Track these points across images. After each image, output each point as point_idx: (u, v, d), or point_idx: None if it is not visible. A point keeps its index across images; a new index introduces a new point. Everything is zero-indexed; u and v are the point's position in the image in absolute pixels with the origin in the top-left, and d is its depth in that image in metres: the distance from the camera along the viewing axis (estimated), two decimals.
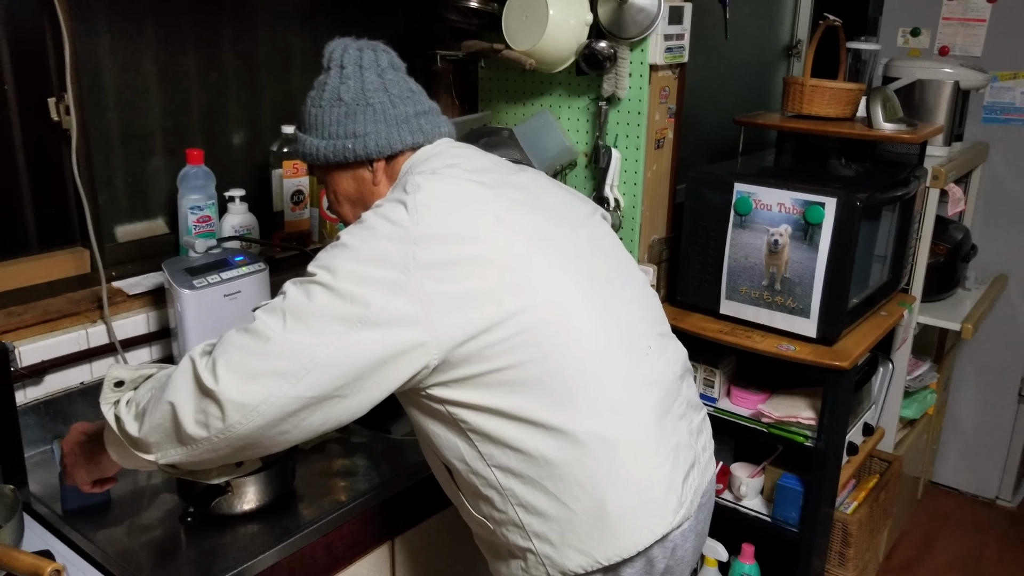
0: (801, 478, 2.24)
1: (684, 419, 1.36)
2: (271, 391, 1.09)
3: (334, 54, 1.35)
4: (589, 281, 1.28)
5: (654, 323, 1.39)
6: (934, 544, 3.09)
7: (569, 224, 1.33)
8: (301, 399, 1.11)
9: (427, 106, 1.37)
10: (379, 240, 1.16)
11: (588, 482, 1.21)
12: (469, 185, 1.25)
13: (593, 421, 1.21)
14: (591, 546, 1.23)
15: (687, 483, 1.31)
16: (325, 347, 1.10)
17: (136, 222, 1.85)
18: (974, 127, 3.04)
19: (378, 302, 1.12)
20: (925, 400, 2.97)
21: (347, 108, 1.31)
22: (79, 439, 1.33)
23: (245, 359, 1.10)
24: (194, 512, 1.39)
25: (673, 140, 2.17)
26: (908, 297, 2.58)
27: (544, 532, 1.24)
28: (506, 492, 1.24)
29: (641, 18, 1.94)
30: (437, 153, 1.34)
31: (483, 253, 1.18)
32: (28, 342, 1.60)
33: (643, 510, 1.24)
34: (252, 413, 1.10)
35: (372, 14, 2.20)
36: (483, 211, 1.22)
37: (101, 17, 1.69)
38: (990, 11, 2.98)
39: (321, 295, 1.12)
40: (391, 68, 1.35)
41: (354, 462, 1.64)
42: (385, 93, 1.32)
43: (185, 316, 1.64)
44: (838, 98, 2.34)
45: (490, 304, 1.16)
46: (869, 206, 2.05)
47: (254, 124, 2.00)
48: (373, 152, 1.32)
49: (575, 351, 1.21)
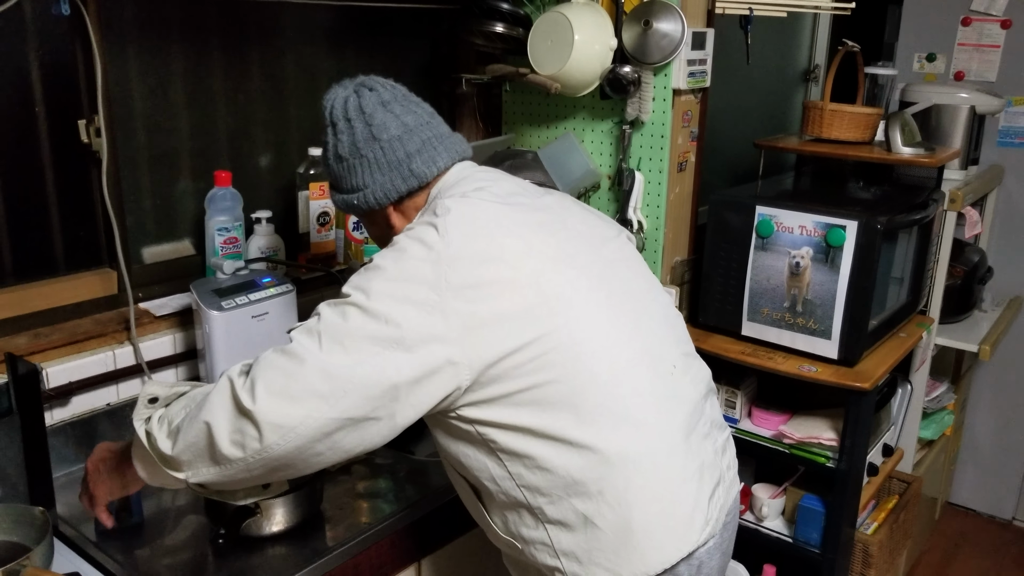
0: (822, 499, 2.23)
1: (709, 438, 1.37)
2: (309, 412, 1.11)
3: (326, 112, 1.36)
4: (613, 302, 1.29)
5: (678, 343, 1.40)
6: (952, 565, 3.07)
7: (594, 246, 1.35)
8: (338, 420, 1.12)
9: (420, 142, 1.34)
10: (411, 261, 1.18)
11: (615, 500, 1.22)
12: (497, 207, 1.27)
13: (619, 439, 1.22)
14: (618, 564, 1.24)
15: (713, 501, 1.32)
16: (361, 367, 1.12)
17: (163, 243, 1.86)
18: (989, 151, 3.06)
19: (411, 322, 1.13)
20: (943, 421, 2.97)
21: (346, 164, 1.34)
22: (104, 455, 1.34)
23: (283, 380, 1.11)
24: (225, 534, 1.39)
25: (695, 163, 2.18)
26: (926, 319, 2.58)
27: (571, 550, 1.25)
28: (535, 511, 1.25)
29: (665, 43, 1.96)
30: (465, 177, 1.35)
31: (511, 274, 1.20)
32: (55, 363, 1.60)
33: (669, 528, 1.26)
34: (289, 434, 1.11)
35: (398, 38, 2.23)
36: (511, 233, 1.24)
37: (131, 39, 1.71)
38: (1004, 37, 3.00)
39: (356, 316, 1.14)
40: (380, 107, 1.33)
41: (379, 484, 1.64)
42: (375, 141, 1.31)
43: (213, 337, 1.64)
44: (857, 122, 2.35)
45: (518, 324, 1.18)
46: (890, 229, 2.05)
47: (281, 146, 2.02)
48: (375, 203, 1.35)
49: (600, 370, 1.23)
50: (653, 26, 1.96)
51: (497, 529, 1.33)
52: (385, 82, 1.37)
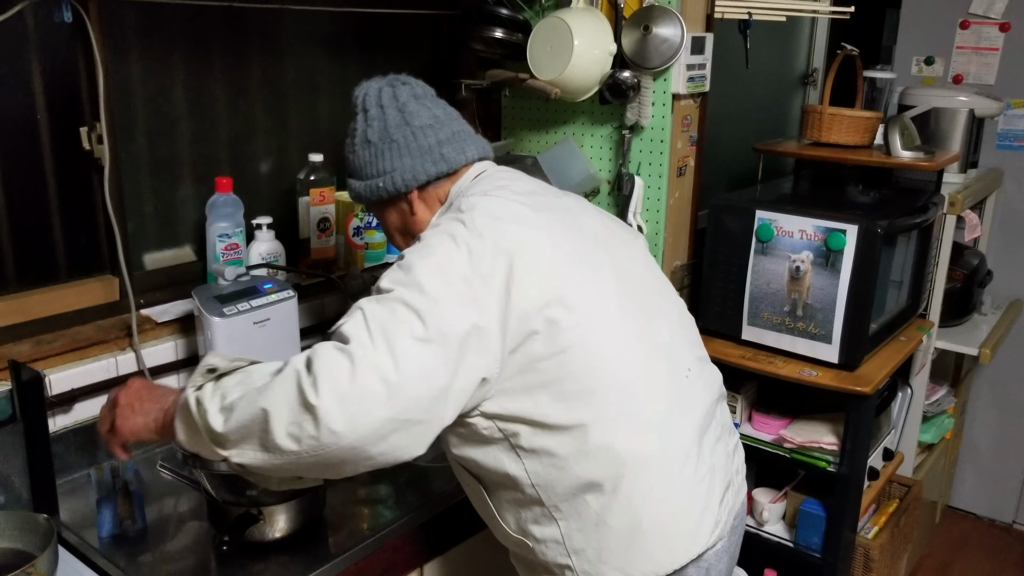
0: (823, 503, 2.23)
1: (720, 441, 1.39)
2: (368, 411, 1.08)
3: (358, 99, 1.41)
4: (629, 304, 1.31)
5: (692, 347, 1.42)
6: (952, 569, 3.07)
7: (611, 248, 1.36)
8: (394, 421, 1.10)
9: (450, 132, 1.38)
10: (444, 256, 1.19)
11: (628, 500, 1.24)
12: (517, 206, 1.29)
13: (635, 440, 1.25)
14: (628, 563, 1.26)
15: (723, 504, 1.34)
16: (415, 368, 1.10)
17: (164, 250, 1.86)
18: (988, 154, 3.06)
19: (452, 316, 1.14)
20: (943, 425, 2.97)
21: (375, 148, 1.37)
22: (142, 394, 1.27)
23: (346, 381, 1.08)
24: (229, 540, 1.39)
25: (695, 168, 2.18)
26: (926, 322, 2.58)
27: (583, 548, 1.27)
28: (548, 508, 1.27)
29: (664, 48, 1.96)
30: (486, 175, 1.39)
31: (538, 271, 1.21)
32: (58, 370, 1.60)
33: (679, 529, 1.28)
34: (349, 434, 1.08)
35: (399, 43, 2.23)
36: (535, 227, 1.26)
37: (133, 46, 1.72)
38: (1003, 40, 3.01)
39: (403, 313, 1.13)
40: (413, 99, 1.38)
41: (381, 489, 1.64)
42: (407, 127, 1.35)
43: (215, 344, 1.64)
44: (856, 126, 2.35)
45: (537, 316, 1.19)
46: (890, 233, 2.06)
47: (282, 152, 2.02)
48: (401, 186, 1.36)
49: (617, 370, 1.25)
50: (652, 31, 1.96)
51: (508, 528, 1.34)
52: (418, 80, 1.43)
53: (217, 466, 1.34)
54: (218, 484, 1.40)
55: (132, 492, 1.48)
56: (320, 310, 2.01)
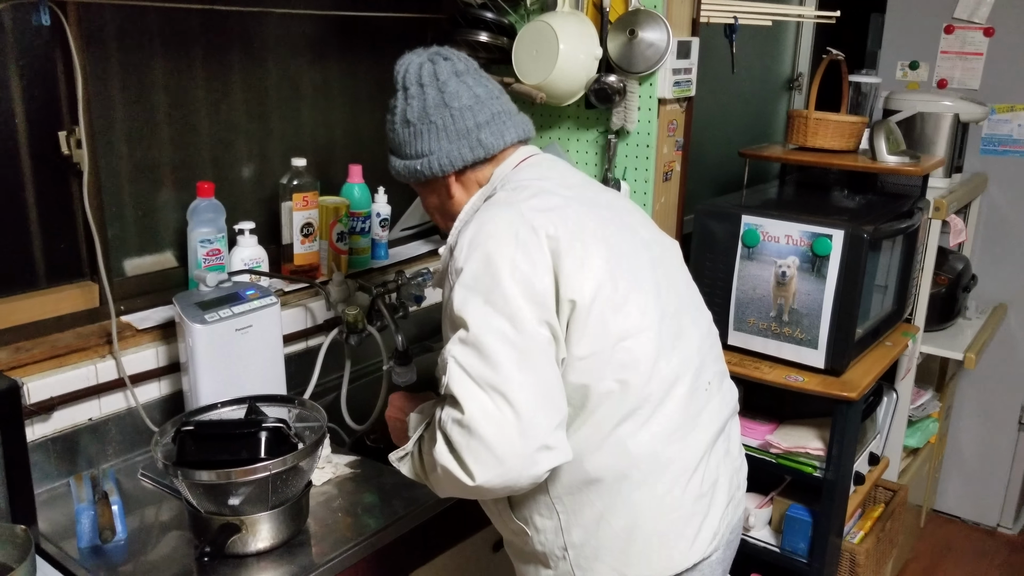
0: (809, 509, 2.23)
1: (728, 456, 1.39)
2: (513, 463, 1.14)
3: (399, 75, 1.37)
4: (664, 310, 1.30)
5: (716, 360, 1.42)
6: (937, 573, 3.08)
7: (651, 251, 1.36)
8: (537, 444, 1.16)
9: (490, 114, 1.35)
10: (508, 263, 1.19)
11: (631, 502, 1.26)
12: (560, 200, 1.28)
13: (648, 445, 1.25)
14: (624, 563, 1.27)
15: (723, 518, 1.35)
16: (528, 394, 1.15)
17: (145, 255, 1.84)
18: (973, 159, 3.08)
19: (533, 327, 1.18)
20: (928, 429, 2.98)
21: (414, 129, 1.34)
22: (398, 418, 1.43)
23: (484, 452, 1.14)
24: (210, 552, 1.36)
25: (681, 173, 2.18)
26: (911, 327, 2.59)
27: (582, 543, 1.28)
28: (553, 500, 1.28)
29: (650, 53, 1.96)
30: (530, 163, 1.37)
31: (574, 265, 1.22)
32: (37, 378, 1.58)
33: (678, 537, 1.28)
34: (513, 483, 1.17)
35: (383, 48, 2.22)
36: (578, 226, 1.25)
37: (112, 50, 1.69)
38: (987, 45, 3.02)
39: (495, 347, 1.16)
40: (454, 77, 1.34)
41: (365, 498, 1.62)
42: (446, 108, 1.32)
43: (196, 351, 1.62)
44: (842, 131, 2.36)
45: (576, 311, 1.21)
46: (876, 238, 2.06)
47: (264, 157, 2.01)
48: (438, 171, 1.35)
49: (644, 373, 1.25)
50: (638, 35, 1.96)
51: (511, 513, 1.34)
52: (460, 53, 1.39)
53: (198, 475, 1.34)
54: (199, 494, 1.38)
55: (112, 502, 1.46)
56: (304, 316, 1.99)
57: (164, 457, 1.41)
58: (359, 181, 2.10)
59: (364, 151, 2.25)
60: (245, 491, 1.36)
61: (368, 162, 2.15)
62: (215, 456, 1.39)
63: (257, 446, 1.42)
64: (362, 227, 2.11)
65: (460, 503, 1.66)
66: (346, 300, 1.94)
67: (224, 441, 1.43)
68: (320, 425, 1.52)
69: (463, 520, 1.69)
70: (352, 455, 1.77)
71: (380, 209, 2.19)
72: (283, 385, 1.78)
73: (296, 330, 1.97)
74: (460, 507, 1.66)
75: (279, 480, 1.38)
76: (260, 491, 1.37)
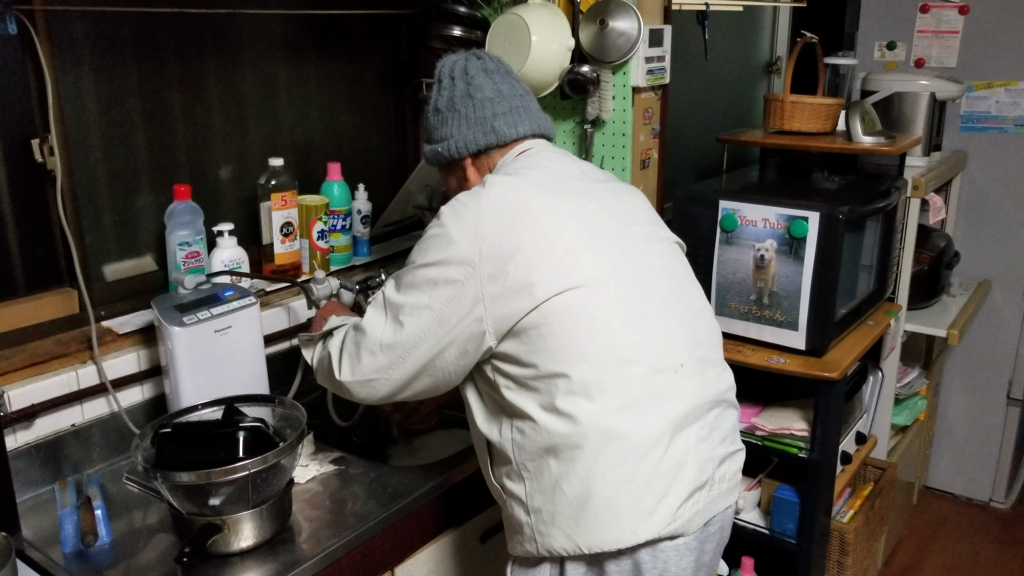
0: (797, 489, 2.24)
1: (704, 443, 1.38)
2: (379, 378, 1.39)
3: (437, 71, 1.55)
4: (634, 293, 1.36)
5: (697, 345, 1.42)
6: (931, 548, 3.10)
7: (632, 240, 1.42)
8: (402, 381, 1.39)
9: (508, 107, 1.49)
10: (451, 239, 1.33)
11: (584, 471, 1.30)
12: (537, 189, 1.37)
13: (602, 417, 1.29)
14: (575, 531, 1.32)
15: (688, 503, 1.34)
16: (416, 337, 1.34)
17: (124, 260, 1.84)
18: (952, 136, 3.09)
19: (452, 302, 1.32)
20: (916, 406, 2.99)
21: (441, 116, 1.52)
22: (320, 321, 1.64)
23: (362, 353, 1.39)
24: (190, 552, 1.37)
25: (658, 160, 2.19)
26: (894, 306, 2.60)
27: (540, 508, 1.35)
28: (518, 465, 1.36)
29: (622, 42, 1.96)
30: (530, 152, 1.49)
31: (535, 249, 1.31)
32: (17, 385, 1.58)
33: (629, 510, 1.30)
34: (372, 392, 1.42)
35: (357, 45, 2.22)
36: (547, 214, 1.34)
37: (83, 56, 1.69)
38: (963, 23, 3.03)
39: (410, 293, 1.35)
40: (482, 73, 1.50)
41: (351, 493, 1.63)
42: (470, 99, 1.49)
43: (176, 353, 1.63)
44: (818, 113, 2.36)
45: (528, 292, 1.29)
46: (852, 219, 2.07)
47: (241, 157, 2.01)
48: (455, 152, 1.51)
49: (599, 351, 1.30)
50: (609, 25, 1.96)
51: (491, 475, 1.45)
52: (495, 56, 1.56)
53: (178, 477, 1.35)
54: (179, 495, 1.39)
55: (95, 506, 1.47)
56: (285, 316, 2.00)
57: (144, 460, 1.41)
58: (338, 179, 2.11)
59: (342, 149, 2.25)
60: (225, 491, 1.37)
61: (347, 160, 2.16)
62: (194, 457, 1.40)
63: (236, 446, 1.43)
64: (343, 225, 2.12)
65: (447, 492, 1.67)
66: (328, 298, 1.95)
67: (203, 442, 1.44)
68: (300, 423, 1.52)
69: (449, 512, 1.70)
70: (337, 452, 1.78)
71: (360, 206, 2.19)
72: (265, 385, 1.78)
73: (279, 330, 1.98)
74: (446, 499, 1.68)
75: (259, 479, 1.38)
76: (240, 490, 1.38)
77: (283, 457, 1.42)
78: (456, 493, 1.70)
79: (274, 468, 1.41)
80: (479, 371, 1.39)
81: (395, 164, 2.41)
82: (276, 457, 1.39)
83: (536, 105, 1.55)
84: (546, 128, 1.55)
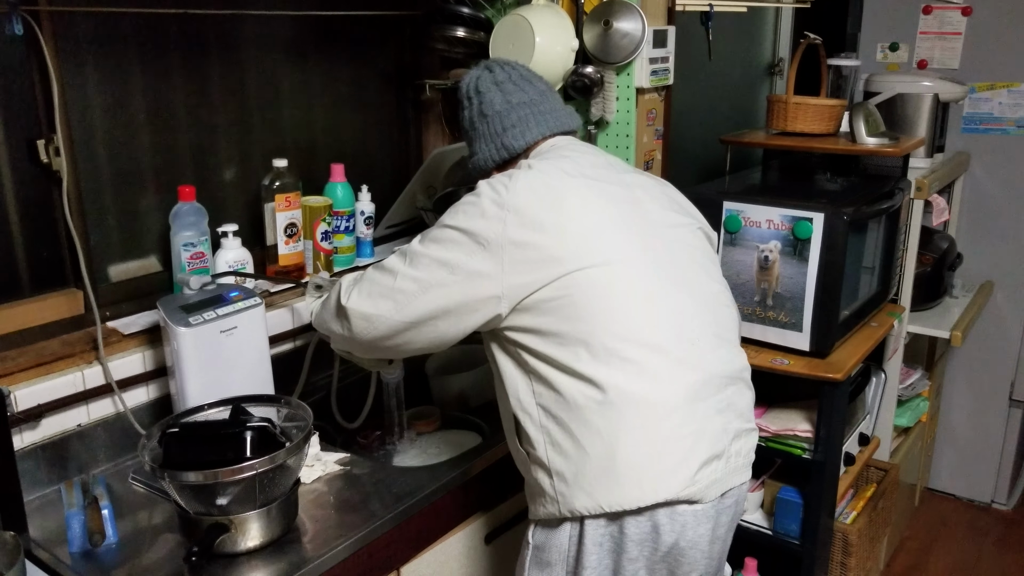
0: (800, 490, 2.25)
1: (722, 415, 1.43)
2: (381, 312, 1.46)
3: (460, 90, 1.65)
4: (658, 272, 1.42)
5: (713, 324, 1.47)
6: (933, 550, 3.10)
7: (655, 225, 1.48)
8: (403, 323, 1.45)
9: (516, 118, 1.57)
10: (482, 206, 1.41)
11: (607, 431, 1.35)
12: (564, 173, 1.45)
13: (625, 382, 1.35)
14: (598, 491, 1.36)
15: (705, 469, 1.38)
16: (426, 285, 1.41)
17: (129, 261, 1.85)
18: (955, 138, 3.09)
19: (469, 260, 1.39)
20: (918, 408, 2.99)
21: (468, 135, 1.65)
22: None
23: (371, 287, 1.48)
24: (198, 552, 1.37)
25: (661, 161, 2.19)
26: (897, 307, 2.61)
27: (562, 471, 1.39)
28: (542, 429, 1.41)
29: (626, 43, 1.97)
30: (557, 148, 1.56)
31: (561, 226, 1.38)
32: (24, 386, 1.58)
33: (651, 470, 1.35)
34: (369, 327, 1.48)
35: (361, 46, 2.22)
36: (572, 195, 1.42)
37: (88, 57, 1.70)
38: (965, 24, 3.03)
39: (431, 246, 1.43)
40: (493, 87, 1.59)
41: (356, 493, 1.63)
42: (484, 117, 1.59)
43: (181, 354, 1.63)
44: (821, 114, 2.37)
45: (553, 266, 1.36)
46: (856, 220, 2.07)
47: (245, 159, 2.01)
48: (482, 167, 1.63)
49: (620, 316, 1.37)
50: (613, 26, 1.97)
51: (516, 440, 1.49)
52: (506, 63, 1.63)
53: (185, 477, 1.35)
54: (186, 495, 1.39)
55: (102, 506, 1.47)
56: (289, 317, 2.00)
57: (151, 460, 1.41)
58: (341, 180, 2.11)
59: (346, 150, 2.25)
60: (232, 491, 1.37)
61: (350, 161, 2.16)
62: (201, 457, 1.40)
63: (243, 446, 1.43)
64: (346, 226, 2.12)
65: (452, 493, 1.67)
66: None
67: (210, 442, 1.44)
68: (306, 423, 1.52)
69: (454, 513, 1.70)
70: (342, 452, 1.78)
71: (364, 207, 2.19)
72: (271, 385, 1.78)
73: (284, 330, 1.98)
74: (451, 500, 1.68)
75: (266, 479, 1.39)
76: (247, 490, 1.38)
77: (290, 457, 1.42)
78: (461, 494, 1.70)
79: (281, 468, 1.41)
80: (506, 340, 1.45)
81: (398, 165, 2.42)
82: (284, 457, 1.40)
83: (554, 103, 1.61)
84: (564, 125, 1.60)
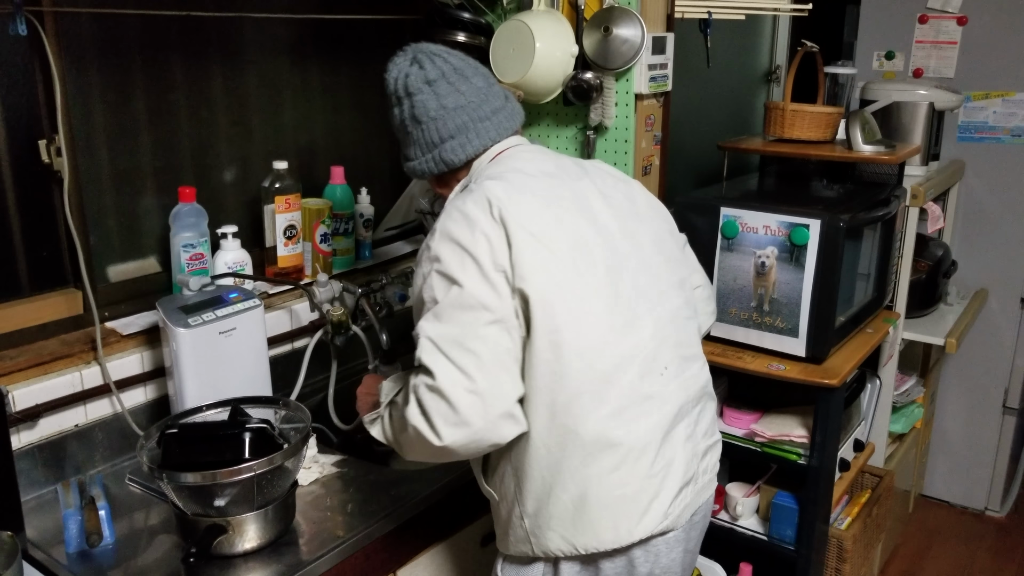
0: (795, 496, 2.25)
1: (690, 440, 1.42)
2: (479, 425, 1.26)
3: (388, 86, 1.48)
4: (615, 298, 1.36)
5: (678, 345, 1.44)
6: (927, 556, 3.11)
7: (612, 235, 1.40)
8: (496, 380, 1.28)
9: (454, 126, 1.41)
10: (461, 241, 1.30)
11: (581, 477, 1.33)
12: (523, 193, 1.34)
13: (597, 427, 1.32)
14: (572, 534, 1.35)
15: (677, 499, 1.39)
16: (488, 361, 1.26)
17: (128, 261, 1.85)
18: (950, 146, 3.11)
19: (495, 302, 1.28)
20: (913, 414, 3.00)
21: (401, 136, 1.49)
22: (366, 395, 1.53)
23: (448, 413, 1.25)
24: (195, 553, 1.38)
25: (660, 166, 2.20)
26: (892, 314, 2.62)
27: (535, 512, 1.37)
28: (514, 470, 1.38)
29: (625, 49, 1.97)
30: (504, 156, 1.44)
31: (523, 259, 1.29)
32: (22, 385, 1.59)
33: (624, 512, 1.34)
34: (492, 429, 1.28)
35: (361, 49, 2.23)
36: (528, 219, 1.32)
37: (91, 57, 1.70)
38: (961, 34, 3.05)
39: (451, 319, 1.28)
40: (425, 86, 1.41)
41: (353, 496, 1.64)
42: (417, 123, 1.43)
43: (180, 355, 1.63)
44: (818, 122, 2.38)
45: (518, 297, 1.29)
46: (852, 226, 2.08)
47: (245, 160, 2.02)
48: (420, 173, 1.49)
49: (586, 366, 1.31)
50: (613, 32, 1.97)
51: (484, 477, 1.47)
52: (437, 55, 1.44)
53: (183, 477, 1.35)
54: (185, 496, 1.39)
55: (99, 507, 1.47)
56: (289, 318, 2.00)
57: (149, 460, 1.42)
58: (341, 182, 2.12)
59: (345, 152, 2.26)
60: (230, 492, 1.37)
61: (350, 163, 2.17)
62: (200, 458, 1.41)
63: (241, 447, 1.43)
64: (345, 228, 2.13)
65: (449, 496, 1.68)
66: (331, 301, 1.96)
67: (208, 443, 1.44)
68: (304, 425, 1.53)
69: (450, 516, 1.71)
70: (339, 454, 1.78)
71: (363, 210, 2.20)
72: (269, 387, 1.79)
73: (282, 332, 1.98)
74: (447, 502, 1.68)
75: (264, 480, 1.39)
76: (245, 491, 1.38)
77: (288, 459, 1.42)
78: (458, 496, 1.70)
79: (279, 469, 1.41)
80: None
81: (398, 168, 2.42)
82: (281, 459, 1.40)
83: (494, 102, 1.45)
84: (505, 129, 1.46)
